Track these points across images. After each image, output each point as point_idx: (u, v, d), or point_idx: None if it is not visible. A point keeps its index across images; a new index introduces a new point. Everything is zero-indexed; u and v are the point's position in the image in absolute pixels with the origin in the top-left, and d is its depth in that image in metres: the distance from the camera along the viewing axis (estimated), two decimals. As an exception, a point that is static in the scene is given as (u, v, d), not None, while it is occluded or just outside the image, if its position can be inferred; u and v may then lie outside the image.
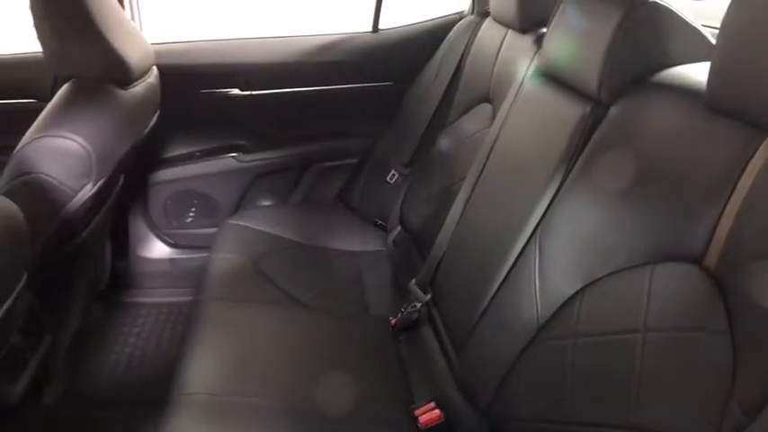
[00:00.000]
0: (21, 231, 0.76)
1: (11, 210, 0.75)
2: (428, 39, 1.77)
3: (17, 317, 1.03)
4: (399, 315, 1.29)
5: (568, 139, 0.91)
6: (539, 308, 0.86)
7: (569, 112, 0.93)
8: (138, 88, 1.34)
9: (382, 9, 1.79)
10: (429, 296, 1.26)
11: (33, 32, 1.20)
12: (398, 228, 1.66)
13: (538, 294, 0.87)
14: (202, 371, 1.09)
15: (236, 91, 1.79)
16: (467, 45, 1.59)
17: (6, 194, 1.03)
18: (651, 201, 0.74)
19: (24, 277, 0.81)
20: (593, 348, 0.74)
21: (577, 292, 0.79)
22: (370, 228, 1.78)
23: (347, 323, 1.33)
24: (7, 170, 1.05)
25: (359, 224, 1.80)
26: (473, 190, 1.23)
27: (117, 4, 1.31)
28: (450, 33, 1.70)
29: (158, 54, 1.51)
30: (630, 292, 0.70)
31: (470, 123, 1.44)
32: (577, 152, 0.89)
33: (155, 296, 1.92)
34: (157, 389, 1.09)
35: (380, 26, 1.84)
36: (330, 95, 1.85)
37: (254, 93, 1.80)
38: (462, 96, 1.54)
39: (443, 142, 1.55)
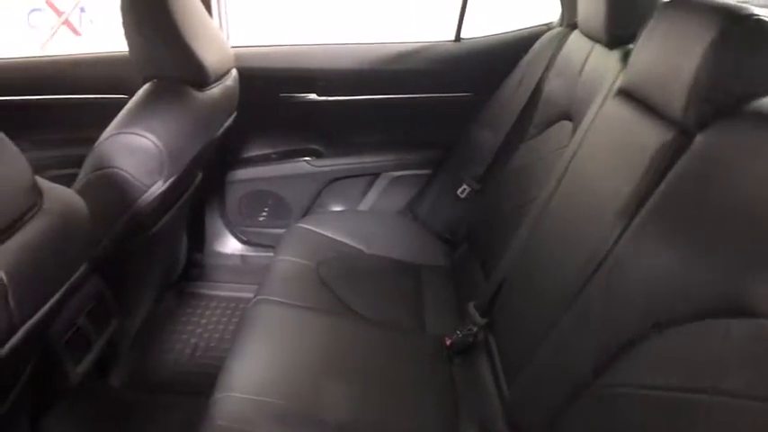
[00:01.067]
0: (82, 223, 0.79)
1: (75, 203, 0.78)
2: (512, 50, 1.70)
3: (83, 301, 1.09)
4: (455, 337, 1.25)
5: (647, 167, 0.83)
6: (599, 350, 0.78)
7: (650, 137, 0.85)
8: (215, 90, 1.38)
9: (465, 18, 1.74)
10: (486, 321, 1.21)
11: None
12: (466, 244, 1.61)
13: (600, 335, 0.80)
14: (248, 371, 1.10)
15: (313, 96, 1.81)
16: (551, 58, 1.51)
17: (83, 186, 1.09)
18: (738, 246, 0.64)
19: (85, 265, 0.85)
20: (654, 404, 0.66)
21: (644, 339, 0.71)
22: (436, 241, 1.73)
23: (401, 339, 1.29)
24: (87, 162, 1.11)
25: (425, 237, 1.76)
26: (543, 213, 1.16)
27: (202, 9, 1.36)
28: (536, 45, 1.63)
29: (239, 57, 1.56)
30: (703, 347, 0.62)
31: (548, 141, 1.37)
32: (656, 182, 0.81)
33: (224, 290, 1.99)
34: (213, 382, 1.11)
35: (463, 35, 1.79)
36: (407, 104, 1.83)
37: (331, 98, 1.81)
38: (543, 112, 1.46)
39: (519, 159, 1.48)
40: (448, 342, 1.25)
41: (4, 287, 0.60)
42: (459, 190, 1.72)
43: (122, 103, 1.25)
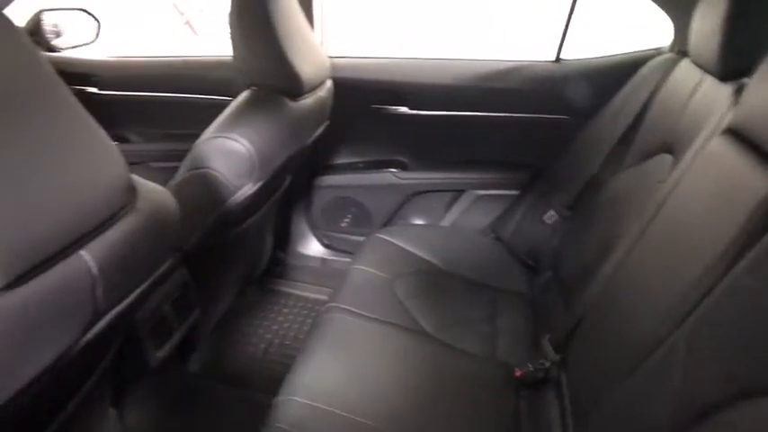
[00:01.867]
0: (172, 222, 0.84)
1: (167, 202, 0.83)
2: (615, 74, 1.62)
3: (169, 290, 1.16)
4: (525, 369, 1.20)
5: (750, 214, 0.75)
6: (677, 409, 0.72)
7: (757, 183, 0.77)
8: (308, 101, 1.42)
9: (567, 38, 1.69)
10: (560, 357, 1.15)
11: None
12: (549, 273, 1.54)
13: (678, 395, 0.73)
14: (313, 377, 1.12)
15: (404, 109, 1.82)
16: (657, 86, 1.42)
17: (180, 182, 1.16)
18: None
19: (171, 259, 0.90)
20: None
21: (729, 406, 0.65)
22: (517, 266, 1.68)
23: (468, 363, 1.27)
24: (186, 160, 1.19)
25: (506, 260, 1.71)
26: (631, 250, 1.09)
27: (304, 23, 1.41)
28: (642, 70, 1.54)
29: (335, 67, 1.60)
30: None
31: (645, 174, 1.28)
32: (759, 232, 0.73)
33: (303, 290, 2.04)
34: (282, 380, 1.15)
35: (563, 56, 1.73)
36: (498, 123, 1.79)
37: (422, 112, 1.81)
38: (642, 142, 1.38)
39: (612, 190, 1.40)
40: (517, 373, 1.21)
41: (93, 279, 0.65)
42: (547, 215, 1.66)
43: (225, 105, 1.32)
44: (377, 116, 1.85)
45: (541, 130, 1.78)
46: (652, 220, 1.05)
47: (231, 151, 1.17)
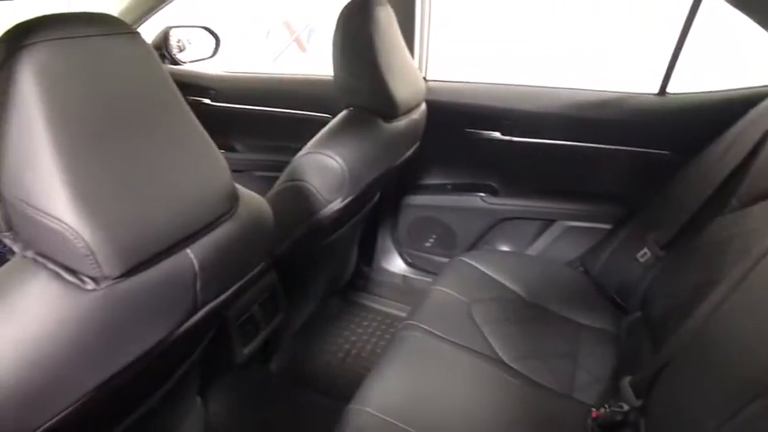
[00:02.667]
0: (267, 229, 0.90)
1: (264, 210, 0.90)
2: (724, 111, 1.53)
3: (259, 292, 1.24)
4: (603, 410, 1.15)
5: None
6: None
7: None
8: (402, 123, 1.47)
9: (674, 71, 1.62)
10: (640, 402, 1.10)
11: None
12: (638, 313, 1.48)
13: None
14: (385, 391, 1.15)
15: (497, 134, 1.82)
16: (771, 127, 1.33)
17: (277, 192, 1.25)
18: None
19: (264, 263, 0.96)
20: None
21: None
22: (604, 303, 1.62)
23: (543, 397, 1.24)
24: (285, 172, 1.28)
25: (593, 295, 1.65)
26: (728, 297, 1.02)
27: (403, 48, 1.47)
28: (756, 108, 1.44)
29: (432, 90, 1.64)
30: None
31: (751, 219, 1.20)
32: None
33: (384, 305, 2.08)
34: (355, 390, 1.18)
35: (668, 89, 1.66)
36: (595, 154, 1.74)
37: (514, 139, 1.80)
38: (750, 186, 1.29)
39: (713, 232, 1.32)
40: (594, 414, 1.16)
41: (195, 275, 0.72)
42: (640, 253, 1.59)
43: (325, 121, 1.39)
44: (469, 140, 1.86)
45: (640, 164, 1.71)
46: (756, 268, 0.98)
47: (325, 167, 1.24)
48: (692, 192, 1.48)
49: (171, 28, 2.10)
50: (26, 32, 0.57)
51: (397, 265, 2.12)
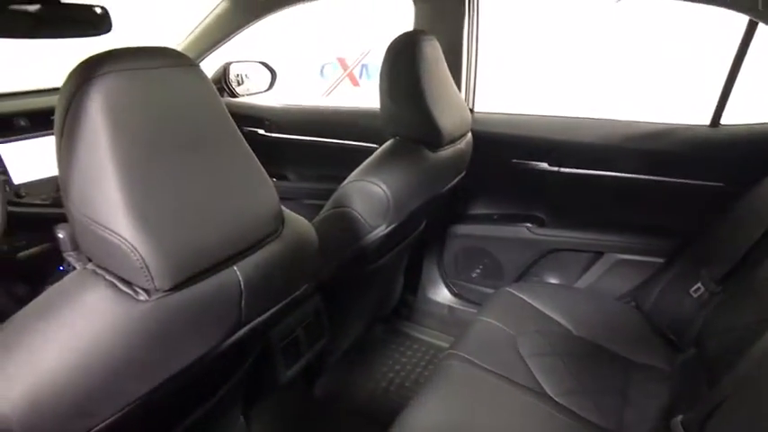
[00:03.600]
0: (311, 252, 0.94)
1: (309, 234, 0.93)
2: None
3: (303, 315, 1.26)
4: (652, 449, 1.11)
5: None
6: None
7: None
8: (447, 152, 1.49)
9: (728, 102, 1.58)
10: (692, 442, 1.05)
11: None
12: (692, 350, 1.42)
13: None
14: (426, 422, 1.14)
15: (544, 165, 1.81)
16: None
17: (324, 218, 1.29)
18: None
19: (308, 286, 0.99)
20: None
21: None
22: (656, 339, 1.56)
23: (589, 434, 1.20)
24: (332, 199, 1.32)
25: (645, 331, 1.60)
26: None
27: (449, 79, 1.50)
28: None
29: (478, 121, 1.66)
30: None
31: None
32: None
33: (428, 335, 2.08)
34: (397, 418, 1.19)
35: (723, 120, 1.62)
36: (645, 185, 1.71)
37: (562, 170, 1.79)
38: None
39: (772, 267, 1.27)
40: (643, 453, 1.12)
41: (240, 292, 0.75)
42: (693, 288, 1.53)
43: (370, 152, 1.43)
44: (516, 170, 1.86)
45: (692, 197, 1.66)
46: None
47: (370, 193, 1.27)
48: (747, 225, 1.43)
49: (230, 63, 2.22)
50: (98, 64, 0.64)
51: (442, 295, 2.12)
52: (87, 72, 0.63)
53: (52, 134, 0.65)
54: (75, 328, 0.62)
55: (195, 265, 0.68)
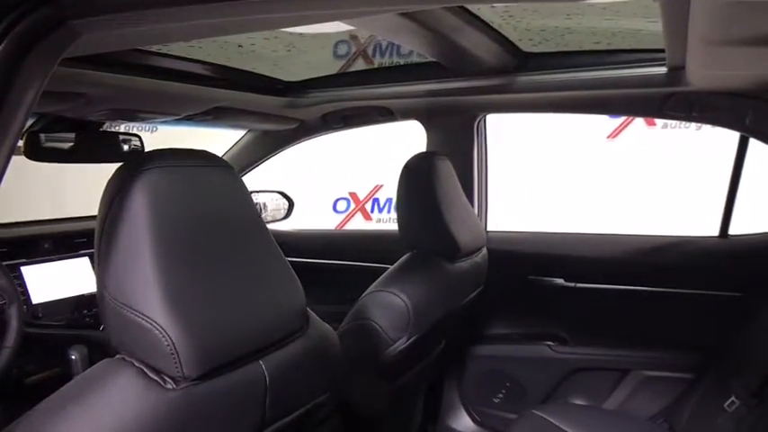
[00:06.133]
0: (334, 353, 0.93)
1: (331, 336, 0.94)
2: None
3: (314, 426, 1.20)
4: None
5: None
6: None
7: None
8: (465, 264, 1.53)
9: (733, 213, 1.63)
10: None
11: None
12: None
13: None
14: None
15: (560, 281, 1.83)
16: None
17: (343, 332, 1.28)
18: None
19: (326, 395, 0.97)
20: None
21: None
22: (695, 462, 1.47)
23: None
24: (350, 313, 1.32)
25: (682, 453, 1.51)
26: None
27: (463, 198, 1.59)
28: None
29: (492, 239, 1.71)
30: None
31: None
32: None
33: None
34: None
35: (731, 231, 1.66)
36: (664, 298, 1.71)
37: (579, 285, 1.80)
38: None
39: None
40: None
41: (265, 388, 0.74)
42: (727, 403, 1.46)
43: (383, 272, 1.46)
44: (532, 287, 1.87)
45: (713, 308, 1.65)
46: None
47: (390, 304, 1.28)
48: (774, 333, 1.41)
49: (251, 192, 2.33)
50: (144, 161, 0.70)
51: (464, 423, 2.01)
52: (134, 167, 0.69)
53: (75, 257, 0.71)
54: (102, 416, 0.61)
55: (223, 355, 0.68)
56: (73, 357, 1.49)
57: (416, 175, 1.47)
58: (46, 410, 0.64)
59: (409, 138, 2.06)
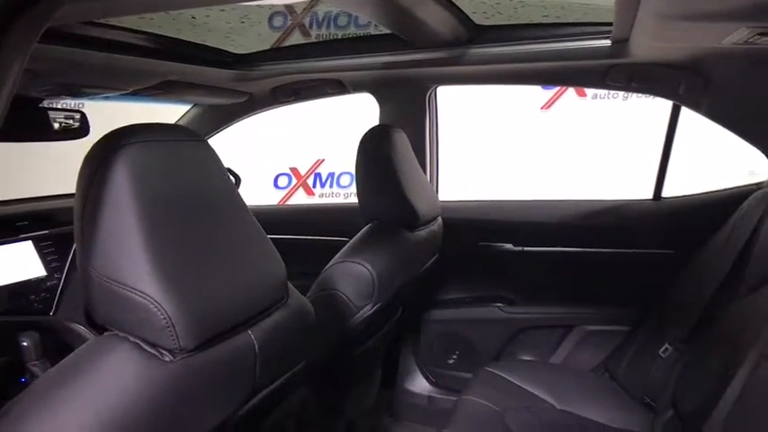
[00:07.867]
0: (311, 318, 0.96)
1: (308, 306, 0.96)
2: (718, 209, 1.64)
3: (296, 407, 1.24)
4: None
5: None
6: None
7: None
8: (423, 233, 1.58)
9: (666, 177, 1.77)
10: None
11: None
12: (670, 411, 1.46)
13: None
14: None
15: (509, 246, 1.92)
16: (761, 218, 1.44)
17: (312, 301, 1.30)
18: None
19: (304, 362, 1.00)
20: None
21: None
22: (634, 405, 1.60)
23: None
24: (315, 284, 1.34)
25: (622, 399, 1.64)
26: (751, 379, 1.05)
27: (419, 169, 1.63)
28: (744, 204, 1.56)
29: (445, 209, 1.77)
30: None
31: (758, 303, 1.26)
32: None
33: (411, 429, 2.03)
34: None
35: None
36: (603, 259, 1.84)
37: (525, 249, 1.90)
38: (751, 273, 1.37)
39: (727, 320, 1.37)
40: None
41: (255, 355, 0.77)
42: (662, 350, 1.61)
43: (342, 245, 1.49)
44: (484, 253, 1.96)
45: (647, 265, 1.79)
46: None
47: (356, 273, 1.32)
48: (700, 285, 1.55)
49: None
50: (122, 136, 0.70)
51: (420, 385, 2.09)
52: (112, 142, 0.68)
53: (16, 241, 0.68)
54: (101, 390, 0.62)
55: (216, 326, 0.70)
56: (25, 344, 1.43)
57: (374, 148, 1.50)
58: (42, 392, 0.62)
59: (350, 112, 2.07)
